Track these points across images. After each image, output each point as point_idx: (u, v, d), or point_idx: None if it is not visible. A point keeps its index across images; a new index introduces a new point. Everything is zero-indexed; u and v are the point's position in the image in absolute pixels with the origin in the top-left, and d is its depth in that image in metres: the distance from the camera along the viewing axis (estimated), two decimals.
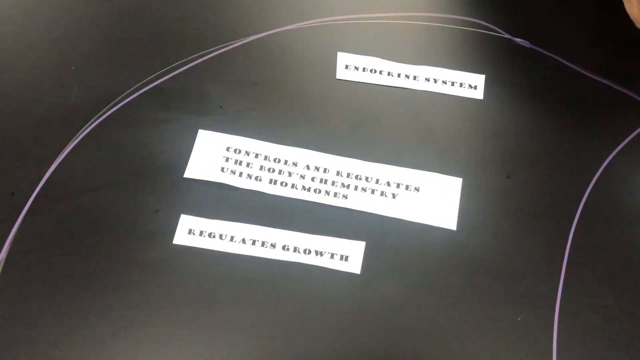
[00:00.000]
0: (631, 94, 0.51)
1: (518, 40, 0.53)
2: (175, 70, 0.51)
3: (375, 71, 0.51)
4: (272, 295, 0.43)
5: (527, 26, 0.54)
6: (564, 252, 0.45)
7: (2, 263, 0.43)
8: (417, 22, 0.54)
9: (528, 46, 0.53)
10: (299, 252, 0.44)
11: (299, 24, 0.53)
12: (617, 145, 0.49)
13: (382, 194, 0.46)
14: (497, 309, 0.43)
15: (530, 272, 0.44)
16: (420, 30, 0.54)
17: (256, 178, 0.46)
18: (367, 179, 0.47)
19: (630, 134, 0.49)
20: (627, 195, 0.47)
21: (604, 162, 0.48)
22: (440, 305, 0.43)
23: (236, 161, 0.47)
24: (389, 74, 0.51)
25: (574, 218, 0.46)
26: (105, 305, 0.42)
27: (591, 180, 0.47)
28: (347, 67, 0.52)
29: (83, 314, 0.42)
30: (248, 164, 0.47)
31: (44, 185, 0.46)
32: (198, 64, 0.51)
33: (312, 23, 0.53)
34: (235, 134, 0.48)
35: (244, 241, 0.44)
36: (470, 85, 0.51)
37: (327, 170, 0.47)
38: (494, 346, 0.42)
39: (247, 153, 0.47)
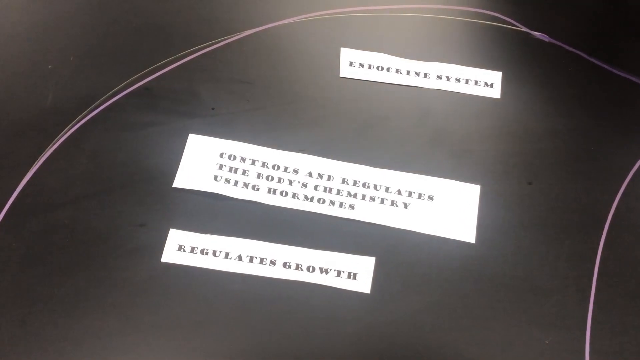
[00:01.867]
0: None
1: (537, 34, 0.49)
2: (163, 68, 0.46)
3: (382, 68, 0.47)
4: (272, 318, 0.39)
5: (546, 19, 0.50)
6: (593, 266, 0.41)
7: None
8: (427, 15, 0.50)
9: (547, 40, 0.49)
10: (301, 269, 0.40)
11: (299, 17, 0.49)
12: None
13: (392, 203, 0.42)
14: (521, 331, 0.39)
15: (558, 289, 0.40)
16: (431, 24, 0.50)
17: (253, 187, 0.42)
18: (375, 187, 0.43)
19: None
20: None
21: (634, 165, 0.44)
22: (458, 326, 0.39)
23: (231, 168, 0.43)
24: (397, 71, 0.47)
25: (603, 228, 0.42)
26: (85, 331, 0.38)
27: (621, 185, 0.43)
28: (351, 64, 0.47)
29: (59, 342, 0.37)
30: (244, 172, 0.43)
31: (17, 197, 0.41)
32: (188, 61, 0.47)
33: (313, 16, 0.49)
34: (230, 139, 0.44)
35: (240, 258, 0.40)
36: (487, 83, 0.47)
37: (331, 178, 0.43)
38: None
39: (243, 159, 0.43)
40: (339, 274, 0.40)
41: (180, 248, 0.40)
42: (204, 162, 0.43)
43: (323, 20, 0.49)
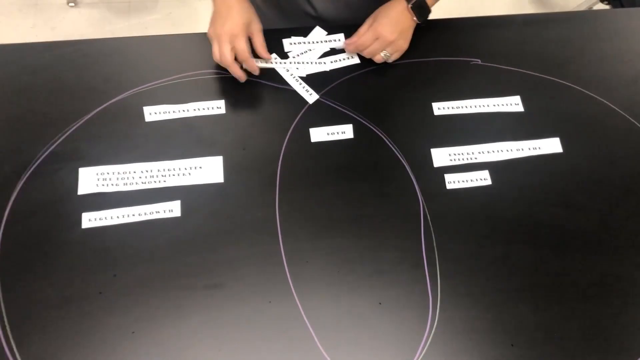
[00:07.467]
0: None
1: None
2: (66, 132, 0.92)
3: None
4: None
5: None
6: None
7: None
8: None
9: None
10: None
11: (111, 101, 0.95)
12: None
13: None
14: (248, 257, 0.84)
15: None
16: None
17: (124, 184, 0.88)
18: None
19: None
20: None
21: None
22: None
23: (104, 180, 0.89)
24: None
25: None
26: None
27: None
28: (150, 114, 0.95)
29: None
30: (110, 179, 0.90)
31: None
32: (72, 131, 0.92)
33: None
34: (99, 165, 0.90)
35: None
36: None
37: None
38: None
39: (109, 174, 0.90)
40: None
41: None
42: (92, 178, 0.89)
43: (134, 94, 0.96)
